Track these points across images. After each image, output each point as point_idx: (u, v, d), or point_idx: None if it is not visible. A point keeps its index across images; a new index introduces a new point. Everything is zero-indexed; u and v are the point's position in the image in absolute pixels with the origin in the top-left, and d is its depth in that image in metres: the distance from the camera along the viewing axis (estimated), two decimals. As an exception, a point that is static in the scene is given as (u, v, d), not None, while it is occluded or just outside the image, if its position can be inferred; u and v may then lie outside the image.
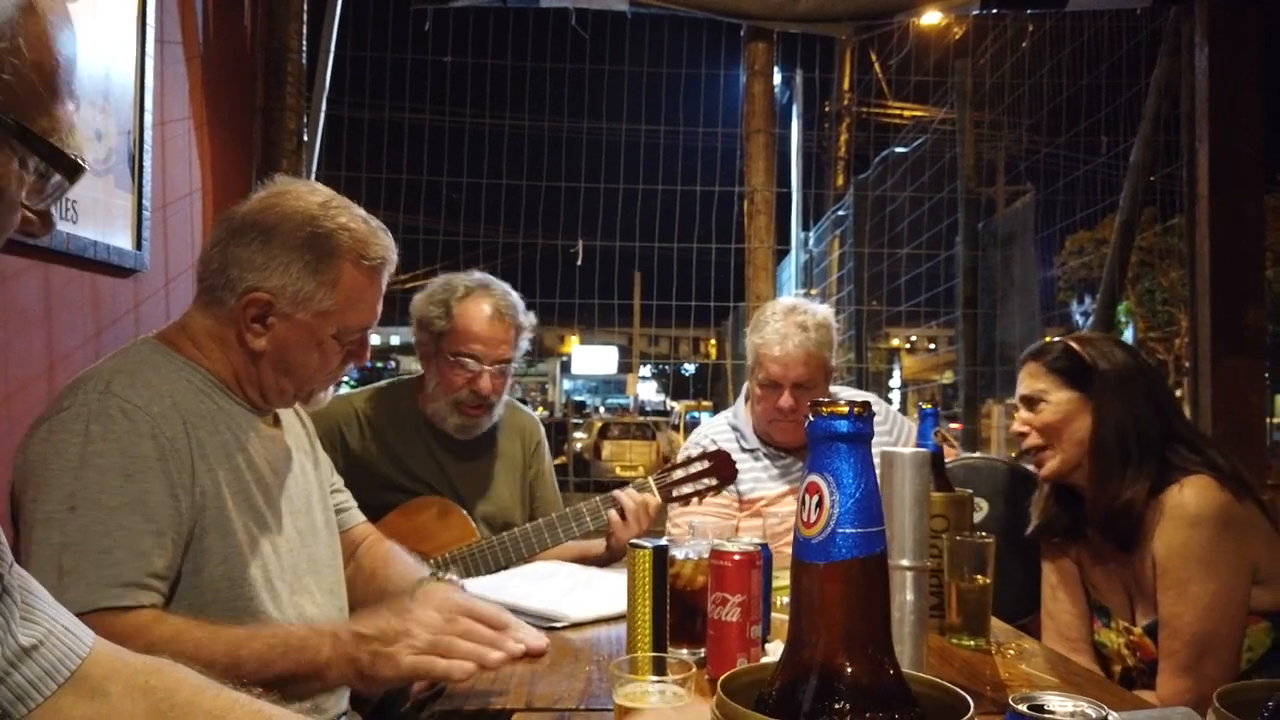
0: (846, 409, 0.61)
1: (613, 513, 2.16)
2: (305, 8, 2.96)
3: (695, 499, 2.23)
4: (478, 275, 2.34)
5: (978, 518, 2.26)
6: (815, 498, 0.61)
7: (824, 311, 2.47)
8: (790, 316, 2.39)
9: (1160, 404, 1.87)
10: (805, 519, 0.61)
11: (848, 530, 0.60)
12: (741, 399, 2.63)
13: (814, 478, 0.61)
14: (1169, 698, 1.70)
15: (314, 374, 1.54)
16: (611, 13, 3.23)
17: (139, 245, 2.12)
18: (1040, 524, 2.01)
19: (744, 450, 2.52)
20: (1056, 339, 2.01)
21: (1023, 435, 1.97)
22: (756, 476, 2.50)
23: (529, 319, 2.34)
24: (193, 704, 0.91)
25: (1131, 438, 1.82)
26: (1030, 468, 2.34)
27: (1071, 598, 2.01)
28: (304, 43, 2.98)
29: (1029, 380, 1.97)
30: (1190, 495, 1.75)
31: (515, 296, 2.33)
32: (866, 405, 0.61)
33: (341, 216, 1.50)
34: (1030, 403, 1.96)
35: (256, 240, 1.47)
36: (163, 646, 1.19)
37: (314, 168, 3.11)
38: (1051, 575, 2.05)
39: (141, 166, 2.15)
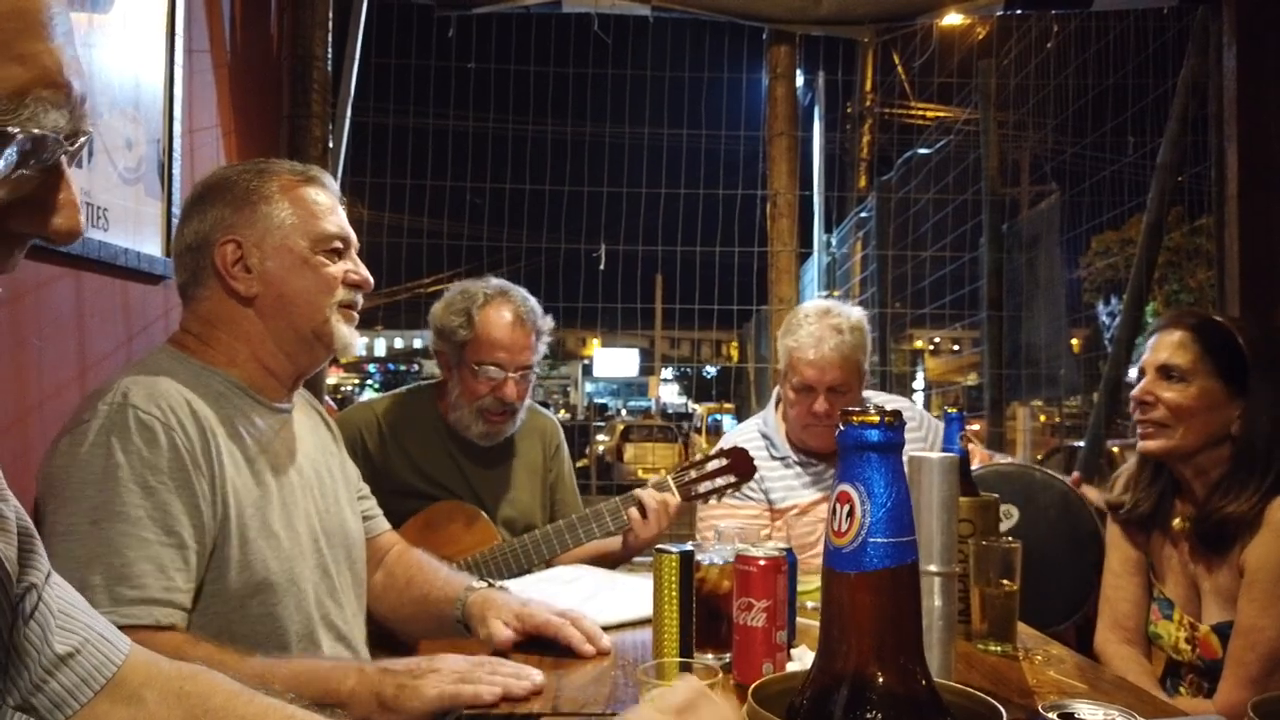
0: (877, 418, 0.61)
1: (633, 510, 2.15)
2: (330, 16, 2.98)
3: (715, 497, 2.23)
4: (495, 282, 2.35)
5: (1006, 525, 2.24)
6: (846, 507, 0.61)
7: (858, 314, 2.43)
8: (824, 320, 2.36)
9: None
10: (836, 528, 0.62)
11: (879, 540, 0.60)
12: (771, 406, 2.59)
13: (845, 487, 0.61)
14: (1228, 705, 1.68)
15: (317, 297, 1.53)
16: (633, 17, 3.24)
17: (169, 252, 2.14)
18: (1129, 505, 1.93)
19: (774, 458, 2.48)
20: (1206, 313, 1.87)
21: (1145, 404, 1.84)
22: (789, 485, 2.46)
23: (547, 323, 2.36)
24: (227, 710, 0.92)
25: (1275, 448, 1.74)
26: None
27: (1134, 586, 1.96)
28: (329, 50, 3.00)
29: (1174, 350, 1.82)
30: None
31: (534, 301, 2.34)
32: (897, 414, 0.61)
33: (259, 162, 1.59)
34: (1168, 374, 1.82)
35: (195, 214, 1.53)
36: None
37: (339, 174, 3.13)
38: (1116, 561, 1.99)
39: (171, 174, 2.18)
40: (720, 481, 2.22)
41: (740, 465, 2.23)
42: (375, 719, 1.27)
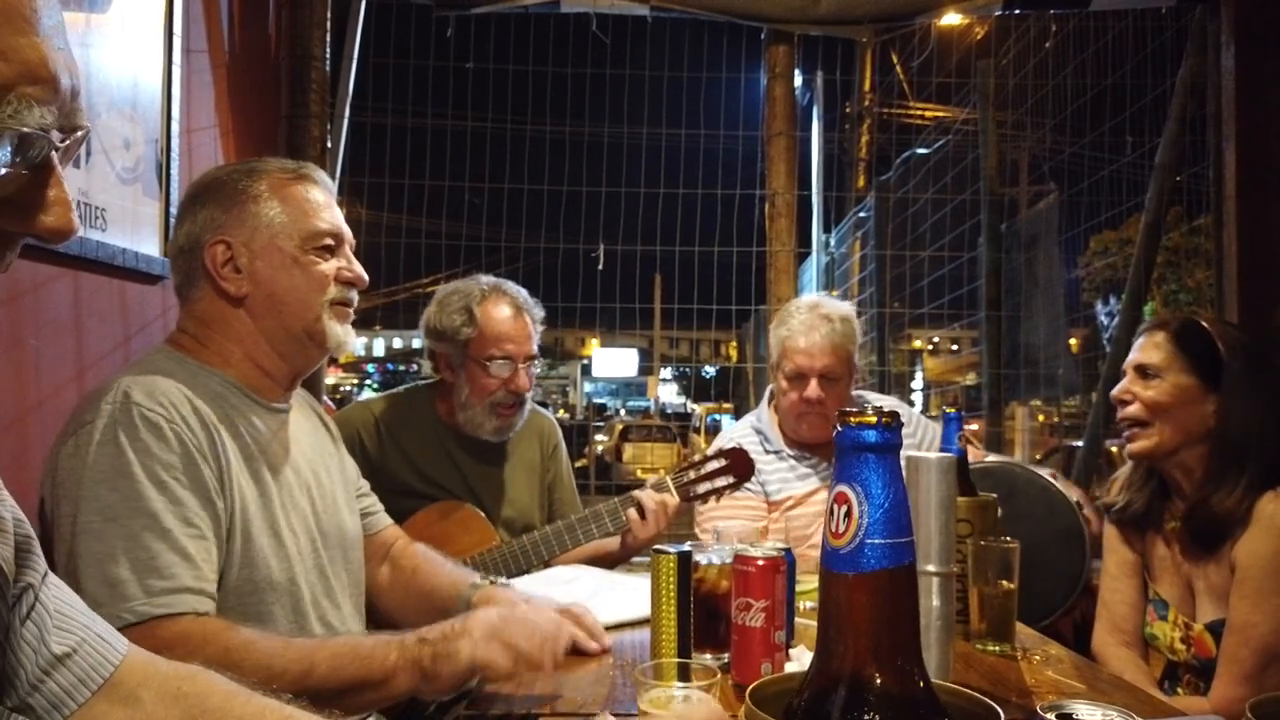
0: (875, 419, 0.61)
1: (632, 511, 2.16)
2: (329, 15, 2.98)
3: (714, 497, 2.23)
4: (487, 279, 2.36)
5: None
6: (844, 508, 0.61)
7: (847, 307, 2.52)
8: (815, 310, 2.45)
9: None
10: (834, 529, 0.61)
11: (876, 541, 0.60)
12: (764, 403, 2.64)
13: (842, 488, 0.61)
14: (1223, 702, 1.68)
15: (308, 296, 1.52)
16: (632, 17, 3.24)
17: (166, 252, 2.14)
18: (1121, 505, 1.97)
19: (768, 452, 2.53)
20: (1187, 315, 1.91)
21: (1123, 403, 1.89)
22: (783, 477, 2.51)
23: (540, 312, 2.39)
24: (224, 710, 0.91)
25: (1255, 443, 1.77)
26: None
27: (1131, 588, 1.98)
28: (328, 50, 3.00)
29: (1150, 349, 1.88)
30: None
31: (526, 292, 2.37)
32: (895, 415, 0.61)
33: (250, 161, 1.57)
34: (1144, 373, 1.87)
35: (187, 215, 1.53)
36: (239, 652, 1.22)
37: (338, 174, 3.13)
38: (1113, 564, 2.02)
39: (169, 174, 2.18)
40: (719, 482, 2.22)
41: (739, 465, 2.23)
42: (419, 688, 1.29)
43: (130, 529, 1.28)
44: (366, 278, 1.60)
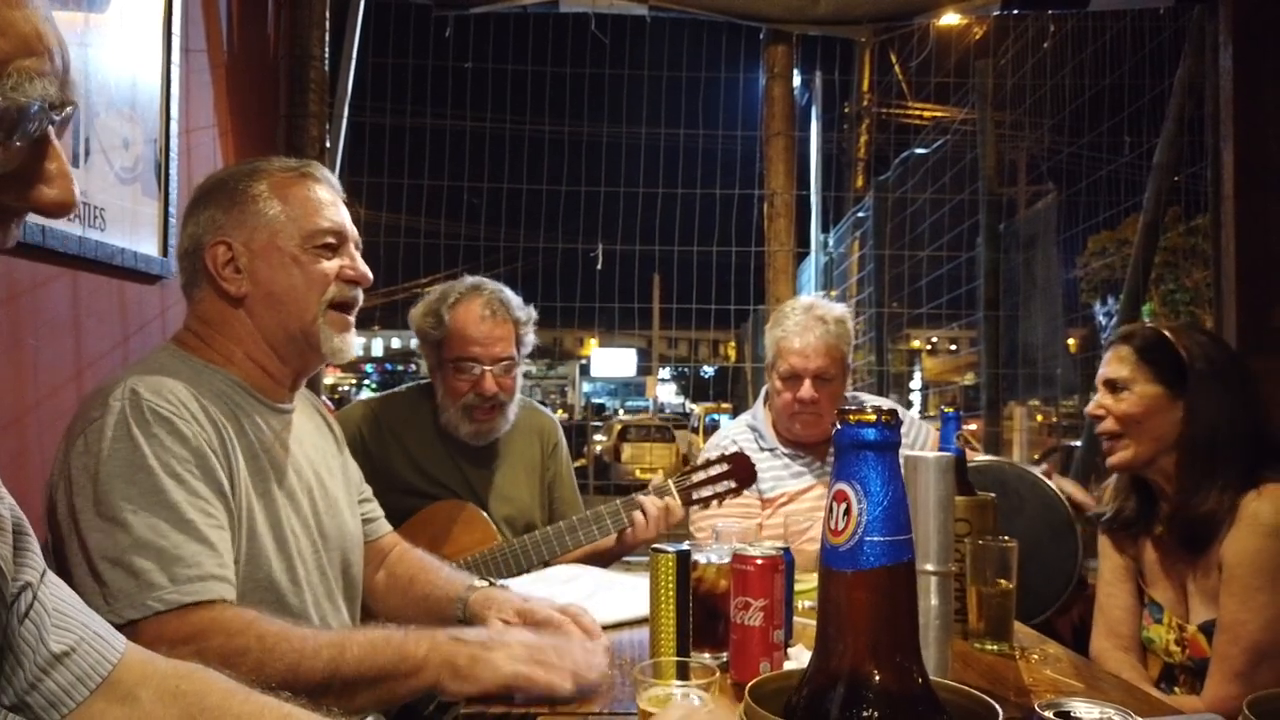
0: (874, 417, 0.61)
1: (635, 514, 2.16)
2: (328, 15, 2.99)
3: (715, 501, 2.24)
4: (469, 279, 2.35)
5: None
6: (843, 506, 0.61)
7: (841, 309, 2.55)
8: (810, 312, 2.47)
9: (1253, 406, 1.84)
10: (833, 527, 0.62)
11: (875, 538, 0.60)
12: (760, 401, 2.66)
13: (841, 486, 0.62)
14: (1216, 700, 1.70)
15: (306, 295, 1.52)
16: (631, 17, 3.24)
17: (165, 252, 2.14)
18: (1111, 514, 2.00)
19: (763, 449, 2.55)
20: (1150, 325, 1.95)
21: (1098, 418, 1.94)
22: (777, 474, 2.53)
23: (527, 313, 2.35)
24: (222, 708, 0.91)
25: (1224, 443, 1.79)
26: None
27: (1126, 593, 2.00)
28: (326, 50, 3.00)
29: (1116, 364, 1.92)
30: (1268, 505, 1.74)
31: (509, 294, 2.34)
32: (894, 413, 0.61)
33: (254, 161, 1.58)
34: (1113, 387, 1.92)
35: (191, 217, 1.54)
36: (272, 639, 1.22)
37: (336, 174, 3.13)
38: (1108, 569, 2.04)
39: (168, 174, 2.18)
40: (721, 487, 2.22)
41: (741, 470, 2.24)
42: (446, 685, 1.29)
43: (151, 521, 1.28)
44: (370, 275, 1.59)
